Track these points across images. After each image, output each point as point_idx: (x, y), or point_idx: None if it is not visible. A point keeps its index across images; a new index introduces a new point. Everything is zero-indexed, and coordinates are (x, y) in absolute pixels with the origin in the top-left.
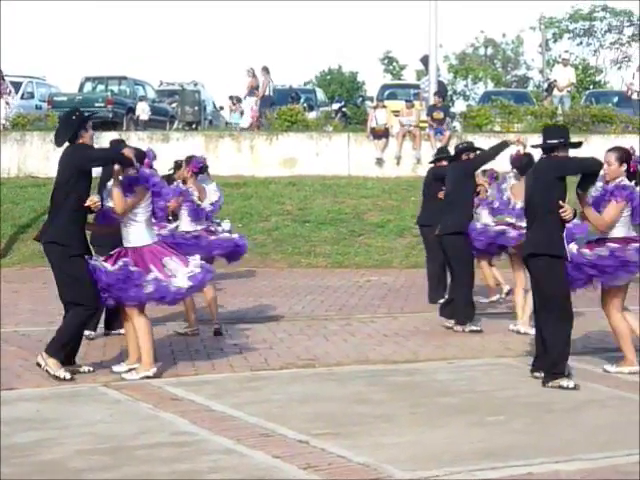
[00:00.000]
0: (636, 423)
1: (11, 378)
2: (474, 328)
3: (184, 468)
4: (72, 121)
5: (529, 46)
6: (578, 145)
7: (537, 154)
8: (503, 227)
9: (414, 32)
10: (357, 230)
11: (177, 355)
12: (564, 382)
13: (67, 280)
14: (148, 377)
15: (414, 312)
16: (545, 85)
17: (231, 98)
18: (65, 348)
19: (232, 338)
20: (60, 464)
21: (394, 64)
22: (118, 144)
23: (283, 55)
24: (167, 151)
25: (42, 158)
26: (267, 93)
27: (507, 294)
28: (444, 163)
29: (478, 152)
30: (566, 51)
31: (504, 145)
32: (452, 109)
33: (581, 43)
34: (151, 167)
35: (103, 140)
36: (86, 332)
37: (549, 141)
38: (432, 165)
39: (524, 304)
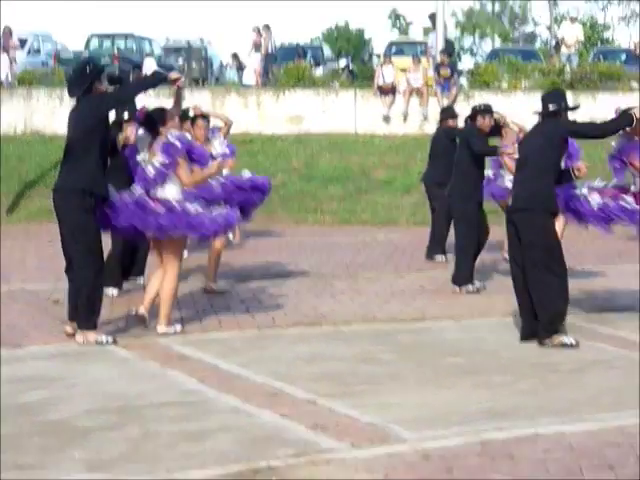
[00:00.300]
0: None
1: (18, 336)
2: (470, 289)
3: (191, 428)
4: (87, 72)
5: (537, 3)
6: (576, 108)
7: None
8: None
9: None
10: (364, 187)
11: (185, 313)
12: (565, 339)
13: (77, 231)
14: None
15: (420, 270)
16: (553, 42)
17: (234, 56)
18: (95, 313)
19: (239, 296)
20: (67, 423)
21: (401, 21)
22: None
23: (289, 12)
24: None
25: (48, 114)
26: (270, 51)
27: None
28: (450, 122)
29: (494, 116)
30: (574, 8)
31: (496, 153)
32: (459, 65)
33: None
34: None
35: None
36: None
37: (550, 107)
38: (440, 124)
39: None
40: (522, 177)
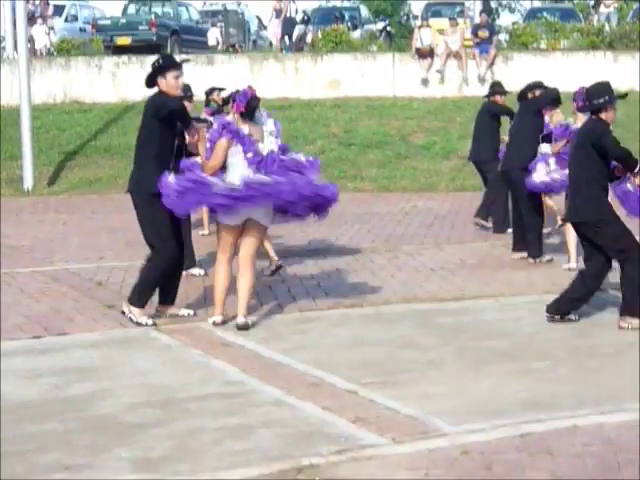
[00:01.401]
0: None
1: (63, 321)
2: (548, 258)
3: (235, 422)
4: (153, 66)
5: None
6: (624, 96)
7: None
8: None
9: None
10: (403, 153)
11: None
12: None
13: (149, 223)
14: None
15: (460, 242)
16: (592, 1)
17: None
18: (146, 294)
19: (280, 274)
20: (113, 419)
21: None
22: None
23: None
24: (212, 74)
25: (87, 83)
26: (288, 15)
27: (560, 227)
28: (498, 98)
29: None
30: None
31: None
32: (497, 21)
33: None
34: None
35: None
36: (195, 271)
37: (595, 102)
38: (487, 99)
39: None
40: (570, 187)
